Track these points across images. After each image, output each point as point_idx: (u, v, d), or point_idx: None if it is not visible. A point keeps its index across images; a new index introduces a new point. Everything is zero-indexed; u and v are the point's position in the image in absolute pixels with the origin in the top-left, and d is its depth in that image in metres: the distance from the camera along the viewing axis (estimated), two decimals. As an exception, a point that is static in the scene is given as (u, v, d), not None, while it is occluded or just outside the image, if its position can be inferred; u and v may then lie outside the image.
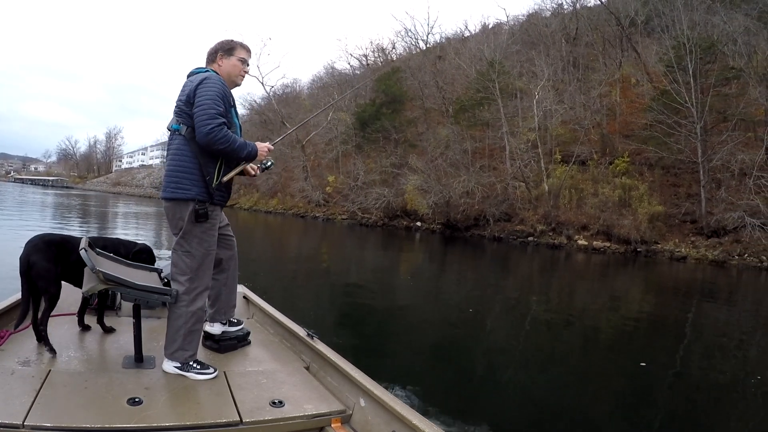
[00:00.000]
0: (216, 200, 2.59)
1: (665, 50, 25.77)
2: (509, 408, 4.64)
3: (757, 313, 11.31)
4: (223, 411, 2.15)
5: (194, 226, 2.53)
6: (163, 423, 1.99)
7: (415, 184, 28.34)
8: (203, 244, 2.57)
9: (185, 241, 2.55)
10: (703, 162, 22.75)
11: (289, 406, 2.26)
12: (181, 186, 2.50)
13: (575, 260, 20.08)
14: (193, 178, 2.50)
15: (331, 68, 50.18)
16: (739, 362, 6.82)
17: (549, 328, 8.15)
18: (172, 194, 2.52)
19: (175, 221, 2.57)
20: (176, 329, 2.51)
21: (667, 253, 21.40)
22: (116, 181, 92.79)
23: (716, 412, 4.92)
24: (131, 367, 2.50)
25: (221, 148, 2.45)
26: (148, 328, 2.76)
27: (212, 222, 2.59)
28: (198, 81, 2.50)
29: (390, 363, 5.62)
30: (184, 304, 2.52)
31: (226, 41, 2.74)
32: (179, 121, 2.53)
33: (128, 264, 2.85)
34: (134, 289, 2.43)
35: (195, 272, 2.55)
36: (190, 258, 2.55)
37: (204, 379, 2.46)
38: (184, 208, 2.51)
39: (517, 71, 29.31)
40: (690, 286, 15.25)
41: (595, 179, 25.11)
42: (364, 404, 2.28)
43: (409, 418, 1.97)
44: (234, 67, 2.70)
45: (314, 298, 9.38)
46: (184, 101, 2.51)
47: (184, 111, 2.51)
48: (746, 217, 20.67)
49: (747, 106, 23.62)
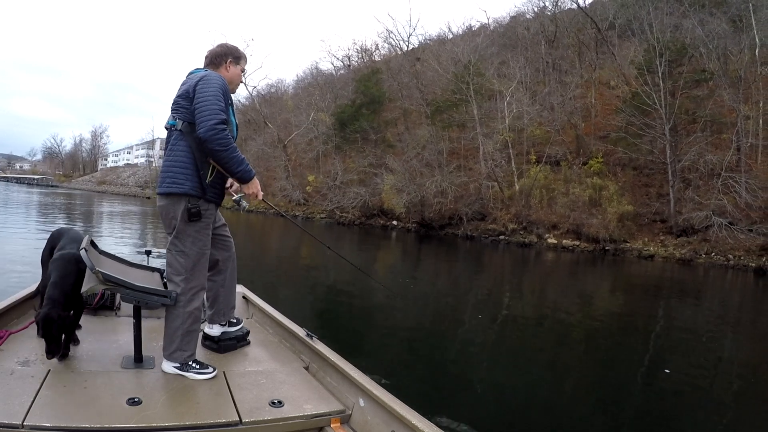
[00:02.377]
0: (209, 197, 2.54)
1: (634, 53, 26.17)
2: (505, 405, 4.71)
3: (724, 310, 11.53)
4: (223, 411, 2.14)
5: (187, 225, 2.49)
6: (162, 423, 1.98)
7: (391, 183, 28.55)
8: (197, 243, 2.53)
9: (179, 240, 2.51)
10: (672, 163, 23.10)
11: (289, 406, 2.26)
12: (175, 180, 2.47)
13: (545, 258, 20.37)
14: (186, 172, 2.46)
15: (315, 69, 50.37)
16: (708, 360, 6.94)
17: (531, 326, 8.26)
18: (167, 189, 2.48)
19: (168, 220, 2.53)
20: (174, 330, 2.49)
21: (636, 252, 21.73)
22: (101, 179, 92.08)
23: (684, 408, 4.98)
24: (131, 367, 2.49)
25: (217, 149, 2.39)
26: (147, 328, 2.73)
27: (206, 221, 2.55)
28: (199, 77, 2.48)
29: (379, 358, 5.66)
30: (180, 304, 2.50)
31: (235, 48, 2.74)
32: (175, 117, 2.51)
33: (129, 264, 2.85)
34: (133, 291, 2.40)
35: (190, 272, 2.52)
36: (184, 258, 2.51)
37: (203, 379, 2.45)
38: (177, 206, 2.47)
39: (492, 73, 29.54)
40: (657, 283, 15.48)
41: (567, 179, 25.40)
42: (363, 404, 2.27)
43: (408, 418, 1.97)
44: (237, 76, 2.73)
45: (296, 295, 9.41)
46: (182, 96, 2.49)
47: (181, 106, 2.48)
48: (713, 217, 21.03)
49: (717, 108, 24.03)
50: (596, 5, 35.34)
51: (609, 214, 22.43)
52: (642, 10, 28.61)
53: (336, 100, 38.66)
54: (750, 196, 21.09)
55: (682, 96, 24.07)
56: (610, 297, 12.41)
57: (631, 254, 21.64)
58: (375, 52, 46.73)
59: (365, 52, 46.34)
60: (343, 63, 46.97)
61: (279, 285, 10.16)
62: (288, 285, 10.51)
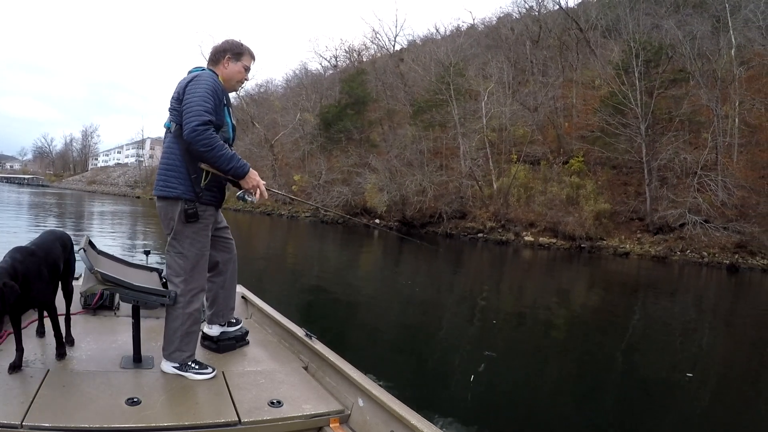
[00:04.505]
0: (205, 200, 2.51)
1: (610, 53, 26.46)
2: (496, 400, 4.77)
3: (699, 306, 11.73)
4: (222, 411, 2.14)
5: (185, 227, 2.47)
6: (161, 423, 1.98)
7: (373, 182, 28.75)
8: (195, 245, 2.51)
9: (177, 242, 2.50)
10: (648, 161, 23.37)
11: (288, 406, 2.25)
12: (169, 184, 2.45)
13: (522, 256, 20.63)
14: (179, 176, 2.44)
15: (304, 69, 50.45)
16: (682, 355, 7.07)
17: (516, 324, 8.35)
18: (161, 192, 2.48)
19: (166, 221, 2.51)
20: (173, 330, 2.48)
21: (611, 249, 22.02)
22: (91, 179, 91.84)
23: (659, 401, 5.05)
24: (130, 368, 2.48)
25: (202, 150, 2.33)
26: (146, 328, 2.72)
27: (204, 223, 2.53)
28: (189, 78, 2.45)
29: (378, 358, 5.68)
30: (180, 305, 2.49)
31: (236, 43, 2.65)
32: (170, 119, 2.49)
33: (128, 264, 2.86)
34: (132, 291, 2.40)
35: (189, 273, 2.51)
36: (183, 259, 2.50)
37: (202, 379, 2.44)
38: (174, 207, 2.46)
39: (474, 74, 29.80)
40: (632, 281, 15.74)
41: (546, 178, 25.64)
42: (362, 404, 2.27)
43: (407, 418, 1.97)
44: (238, 73, 2.63)
45: (295, 294, 9.43)
46: (175, 98, 2.46)
47: (175, 108, 2.46)
48: (688, 215, 21.31)
49: (694, 107, 24.32)
50: (582, 6, 35.69)
51: (585, 212, 22.69)
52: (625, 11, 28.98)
53: (321, 100, 38.83)
54: (725, 194, 21.40)
55: (659, 96, 24.36)
56: (586, 294, 12.60)
57: (606, 252, 21.92)
58: (363, 53, 46.98)
59: (353, 52, 46.54)
60: (330, 63, 47.16)
61: (277, 284, 10.14)
62: (287, 285, 10.48)
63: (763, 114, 24.04)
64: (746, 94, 23.99)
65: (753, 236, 19.92)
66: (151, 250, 4.04)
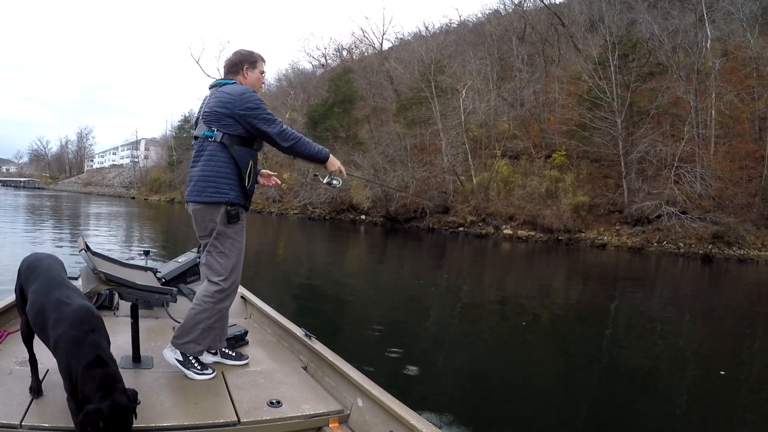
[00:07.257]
0: (246, 204, 2.69)
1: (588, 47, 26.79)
2: (504, 403, 4.69)
3: (675, 296, 11.90)
4: (221, 411, 2.15)
5: (227, 227, 2.58)
6: (160, 423, 1.98)
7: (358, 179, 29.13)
8: (236, 245, 2.64)
9: (219, 242, 2.60)
10: (625, 154, 23.73)
11: (287, 406, 2.26)
12: (219, 190, 2.54)
13: (502, 249, 21.04)
14: (229, 182, 2.56)
15: (296, 68, 50.81)
16: (662, 345, 7.10)
17: (505, 317, 8.37)
18: (210, 198, 2.55)
19: (205, 223, 2.61)
20: (196, 322, 2.54)
21: (589, 241, 22.39)
22: (87, 181, 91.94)
23: (638, 390, 5.07)
24: (129, 367, 2.48)
25: (292, 143, 2.58)
26: (145, 328, 2.73)
27: (242, 224, 2.68)
28: (241, 90, 2.57)
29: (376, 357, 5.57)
30: (213, 300, 2.57)
31: (248, 53, 2.81)
32: (212, 128, 2.57)
33: (122, 264, 2.89)
34: (135, 290, 2.44)
35: (230, 272, 2.61)
36: (224, 258, 2.60)
37: (202, 380, 2.47)
38: (216, 210, 2.56)
39: (456, 70, 30.15)
40: (609, 271, 16.04)
41: (527, 172, 26.01)
42: (361, 404, 2.28)
43: (406, 418, 1.97)
44: (258, 80, 2.81)
45: (294, 294, 9.39)
46: (220, 109, 2.55)
47: (221, 118, 2.55)
48: (664, 206, 21.67)
49: (671, 100, 24.65)
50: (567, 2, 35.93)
51: (564, 205, 23.06)
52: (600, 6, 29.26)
53: (309, 99, 39.18)
54: (702, 185, 21.74)
55: (636, 90, 24.68)
56: (565, 285, 12.77)
57: (584, 244, 22.34)
58: (354, 51, 47.29)
59: (342, 50, 46.88)
60: (319, 62, 47.51)
61: (272, 282, 10.16)
62: (281, 281, 10.50)
63: (740, 106, 24.39)
64: (724, 86, 24.31)
65: (729, 227, 20.31)
66: (150, 250, 4.15)
